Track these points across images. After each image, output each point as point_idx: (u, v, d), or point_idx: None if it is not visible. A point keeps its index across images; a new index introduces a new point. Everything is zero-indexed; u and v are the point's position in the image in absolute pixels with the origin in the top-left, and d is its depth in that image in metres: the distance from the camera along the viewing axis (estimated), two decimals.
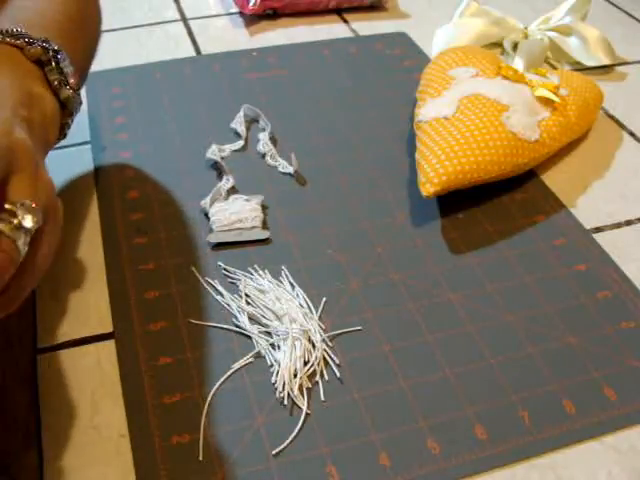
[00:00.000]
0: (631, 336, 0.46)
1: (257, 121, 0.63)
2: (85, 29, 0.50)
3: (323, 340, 0.44)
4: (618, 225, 0.55)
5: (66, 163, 0.57)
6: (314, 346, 0.44)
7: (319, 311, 0.46)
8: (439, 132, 0.55)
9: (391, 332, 0.45)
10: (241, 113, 0.62)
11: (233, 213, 0.51)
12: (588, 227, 0.54)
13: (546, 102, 0.58)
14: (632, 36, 0.80)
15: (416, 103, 0.61)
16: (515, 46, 0.74)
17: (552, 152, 0.58)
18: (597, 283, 0.50)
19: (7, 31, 0.40)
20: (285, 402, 0.41)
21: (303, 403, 0.41)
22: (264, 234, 0.51)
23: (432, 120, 0.56)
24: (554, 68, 0.74)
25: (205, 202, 0.52)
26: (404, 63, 0.72)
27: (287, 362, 0.42)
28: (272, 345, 0.44)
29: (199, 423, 0.40)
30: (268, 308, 0.46)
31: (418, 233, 0.53)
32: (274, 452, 0.39)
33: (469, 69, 0.61)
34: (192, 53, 0.73)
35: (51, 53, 0.41)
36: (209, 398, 0.41)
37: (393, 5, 0.83)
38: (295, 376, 0.42)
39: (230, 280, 0.48)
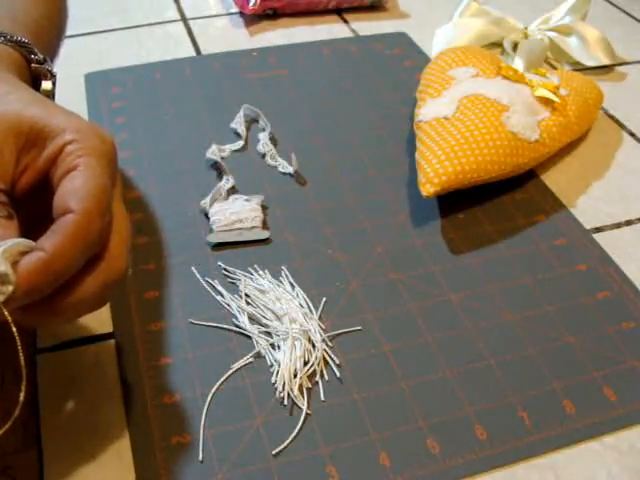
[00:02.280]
0: (631, 336, 0.46)
1: (257, 121, 0.63)
2: (60, 31, 0.50)
3: (323, 340, 0.44)
4: (618, 225, 0.55)
5: None
6: (314, 346, 0.44)
7: (319, 311, 0.46)
8: (439, 132, 0.55)
9: (391, 332, 0.45)
10: (241, 113, 0.62)
11: (233, 213, 0.51)
12: (588, 227, 0.54)
13: (546, 102, 0.58)
14: (632, 36, 0.80)
15: (416, 103, 0.61)
16: (515, 46, 0.74)
17: (552, 152, 0.58)
18: (597, 283, 0.50)
19: (17, 40, 0.39)
20: (285, 402, 0.41)
21: (303, 403, 0.41)
22: (264, 234, 0.51)
23: (432, 120, 0.56)
24: (554, 68, 0.74)
25: (205, 202, 0.52)
26: (404, 63, 0.72)
27: (287, 362, 0.42)
28: (272, 345, 0.44)
29: (199, 423, 0.40)
30: (268, 308, 0.46)
31: (418, 233, 0.53)
32: (274, 452, 0.39)
33: (469, 69, 0.61)
34: (192, 53, 0.73)
35: (48, 75, 0.41)
36: (209, 398, 0.41)
37: (393, 5, 0.83)
38: (295, 376, 0.42)
39: (230, 280, 0.48)
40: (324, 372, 0.43)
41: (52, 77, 0.42)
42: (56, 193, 0.31)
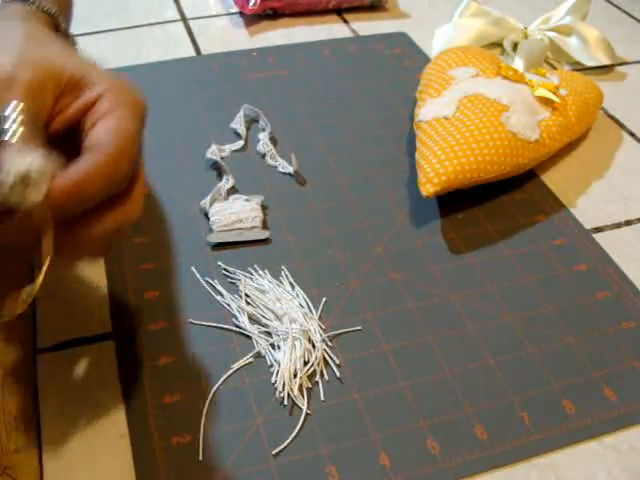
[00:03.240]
0: (631, 336, 0.46)
1: (257, 121, 0.63)
2: (72, 7, 0.51)
3: (323, 340, 0.44)
4: (618, 225, 0.55)
5: None
6: (314, 346, 0.44)
7: (319, 311, 0.46)
8: (439, 132, 0.55)
9: (391, 332, 0.46)
10: (241, 113, 0.62)
11: (233, 213, 0.51)
12: (588, 227, 0.54)
13: (546, 102, 0.58)
14: (632, 36, 0.80)
15: (416, 103, 0.61)
16: (515, 46, 0.74)
17: (552, 152, 0.58)
18: (597, 283, 0.50)
19: (46, 9, 0.40)
20: (285, 402, 0.41)
21: (303, 403, 0.41)
22: (264, 234, 0.51)
23: (432, 120, 0.56)
24: (554, 68, 0.74)
25: (205, 202, 0.52)
26: (404, 63, 0.72)
27: (287, 362, 0.42)
28: (272, 345, 0.44)
29: (199, 423, 0.40)
30: (268, 308, 0.46)
31: (418, 233, 0.53)
32: (274, 452, 0.39)
33: (469, 69, 0.61)
34: (192, 53, 0.73)
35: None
36: (209, 398, 0.41)
37: (393, 5, 0.83)
38: (295, 376, 0.42)
39: (230, 280, 0.48)
40: (324, 372, 0.43)
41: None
42: (89, 133, 0.32)
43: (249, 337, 0.44)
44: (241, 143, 0.60)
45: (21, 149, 0.29)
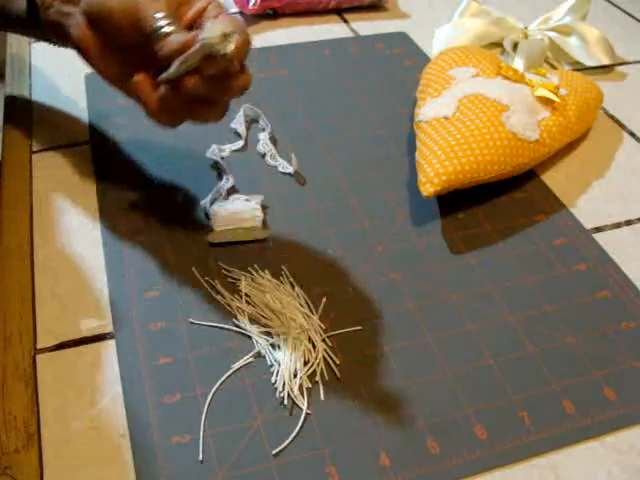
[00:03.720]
0: (631, 336, 0.46)
1: (257, 121, 0.63)
2: None
3: (323, 340, 0.44)
4: (618, 225, 0.55)
5: (66, 163, 0.57)
6: (314, 346, 0.44)
7: (319, 311, 0.46)
8: (439, 132, 0.55)
9: (391, 332, 0.46)
10: (241, 113, 0.62)
11: (233, 213, 0.51)
12: (588, 227, 0.54)
13: (546, 102, 0.58)
14: (632, 36, 0.80)
15: (416, 103, 0.61)
16: (515, 46, 0.74)
17: (552, 152, 0.58)
18: (597, 283, 0.50)
19: None
20: (285, 402, 0.41)
21: (303, 403, 0.41)
22: (264, 234, 0.51)
23: (432, 120, 0.56)
24: (554, 68, 0.74)
25: (205, 202, 0.52)
26: (404, 63, 0.72)
27: (287, 362, 0.42)
28: (272, 345, 0.44)
29: (199, 423, 0.40)
30: (268, 308, 0.46)
31: (418, 233, 0.53)
32: (274, 452, 0.39)
33: (469, 69, 0.61)
34: None
35: None
36: (209, 398, 0.41)
37: (393, 5, 0.83)
38: (295, 376, 0.42)
39: (230, 280, 0.48)
40: (324, 372, 0.43)
41: None
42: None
43: (249, 337, 0.44)
44: (241, 143, 0.60)
45: (217, 22, 0.41)
